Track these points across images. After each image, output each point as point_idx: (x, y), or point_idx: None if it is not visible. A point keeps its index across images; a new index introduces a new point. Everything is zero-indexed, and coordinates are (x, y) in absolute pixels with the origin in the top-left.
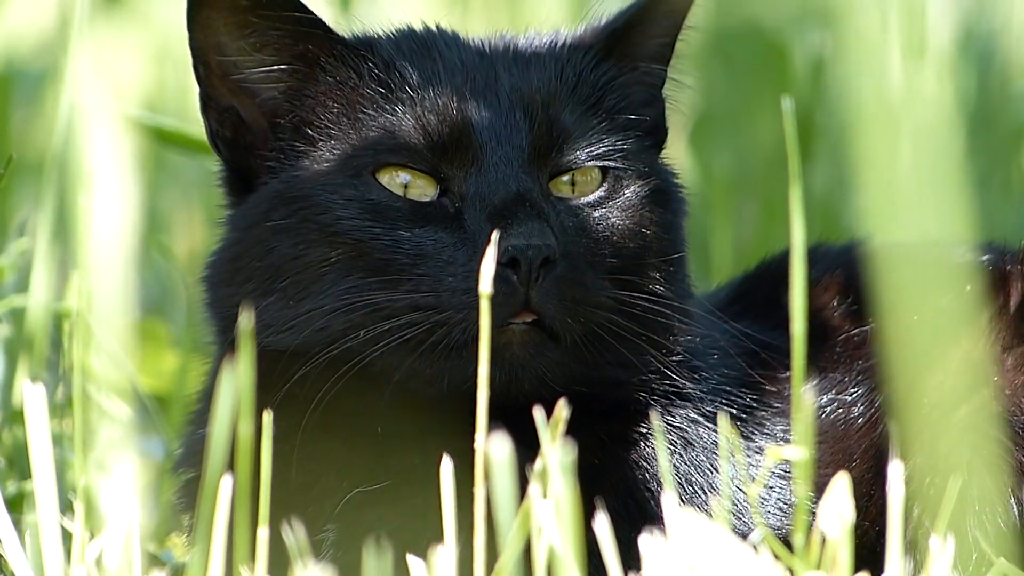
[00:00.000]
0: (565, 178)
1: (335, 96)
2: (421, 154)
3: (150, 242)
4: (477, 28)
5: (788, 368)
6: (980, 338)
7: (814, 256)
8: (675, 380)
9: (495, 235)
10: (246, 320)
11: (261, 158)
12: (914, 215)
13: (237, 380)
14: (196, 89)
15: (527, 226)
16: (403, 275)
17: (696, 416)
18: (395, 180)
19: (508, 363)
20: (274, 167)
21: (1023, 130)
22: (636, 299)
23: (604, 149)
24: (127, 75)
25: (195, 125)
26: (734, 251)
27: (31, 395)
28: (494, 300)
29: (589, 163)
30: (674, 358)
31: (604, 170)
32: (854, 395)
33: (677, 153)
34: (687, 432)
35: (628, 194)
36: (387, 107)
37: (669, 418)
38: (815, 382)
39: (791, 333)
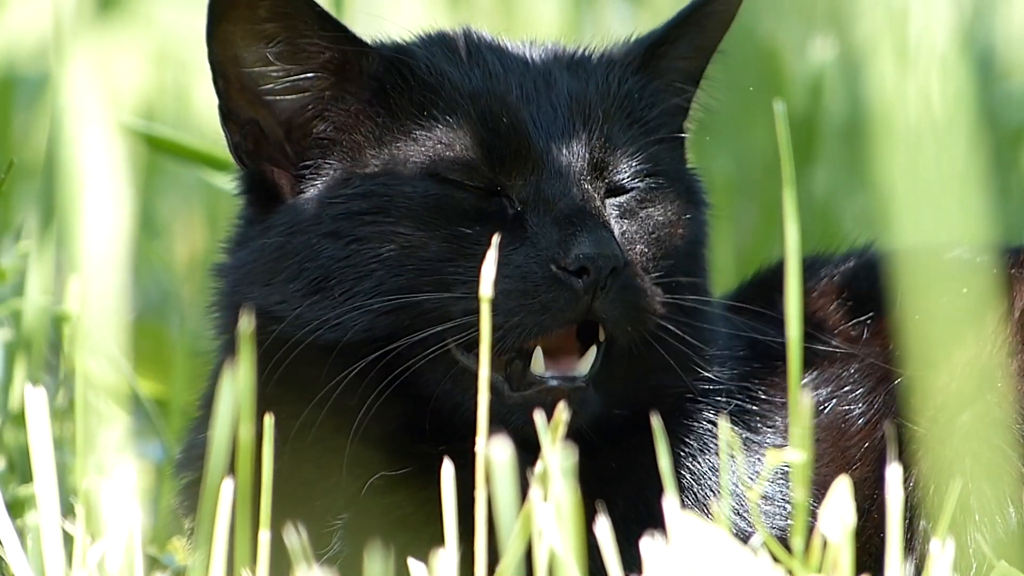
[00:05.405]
0: (616, 187)
1: (376, 105)
2: (479, 169)
3: (149, 248)
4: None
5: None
6: (985, 342)
7: (814, 265)
8: (705, 383)
9: (563, 241)
10: (246, 323)
11: (286, 167)
12: (924, 217)
13: (238, 383)
14: (195, 91)
15: (595, 235)
16: (456, 275)
17: (716, 418)
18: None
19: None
20: (308, 175)
21: (1022, 131)
22: (683, 303)
23: (650, 159)
24: (126, 78)
25: (192, 130)
26: (735, 255)
27: (32, 399)
28: (555, 305)
29: (639, 172)
30: (706, 361)
31: (650, 180)
32: (855, 394)
33: None
34: (711, 434)
35: (670, 202)
36: (439, 116)
37: (695, 422)
38: (814, 379)
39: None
